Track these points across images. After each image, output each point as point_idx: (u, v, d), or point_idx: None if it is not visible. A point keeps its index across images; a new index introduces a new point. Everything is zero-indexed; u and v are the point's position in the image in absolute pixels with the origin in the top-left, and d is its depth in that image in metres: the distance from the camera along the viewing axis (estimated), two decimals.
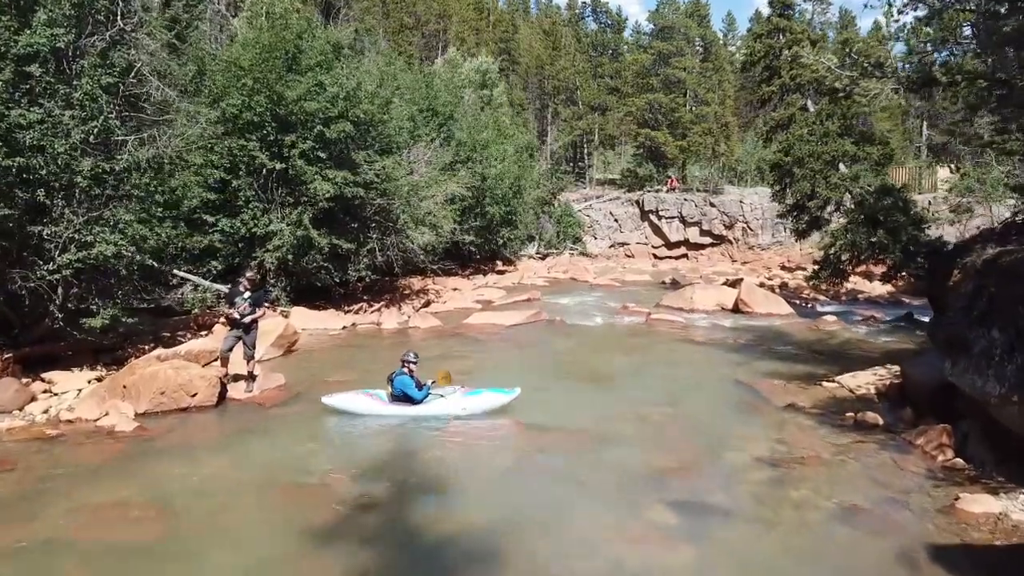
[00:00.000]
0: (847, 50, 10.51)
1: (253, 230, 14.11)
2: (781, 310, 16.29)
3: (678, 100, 38.70)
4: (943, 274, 11.00)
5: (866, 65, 9.22)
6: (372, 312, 15.53)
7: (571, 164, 45.85)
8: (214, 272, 14.39)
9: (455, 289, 20.22)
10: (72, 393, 8.92)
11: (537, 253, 33.26)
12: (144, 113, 8.99)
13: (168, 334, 11.71)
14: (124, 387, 8.49)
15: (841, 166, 16.41)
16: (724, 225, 37.09)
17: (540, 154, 40.18)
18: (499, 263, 27.72)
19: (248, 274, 9.15)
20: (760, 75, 18.98)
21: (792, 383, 10.01)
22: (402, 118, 17.50)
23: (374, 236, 15.68)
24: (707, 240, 37.46)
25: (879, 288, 23.09)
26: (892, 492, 6.30)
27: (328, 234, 14.53)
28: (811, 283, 17.40)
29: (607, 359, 11.63)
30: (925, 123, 39.42)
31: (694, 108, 39.28)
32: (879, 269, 18.12)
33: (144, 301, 10.70)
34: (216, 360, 9.57)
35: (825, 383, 9.90)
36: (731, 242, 37.26)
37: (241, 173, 14.08)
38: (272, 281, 14.58)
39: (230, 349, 9.07)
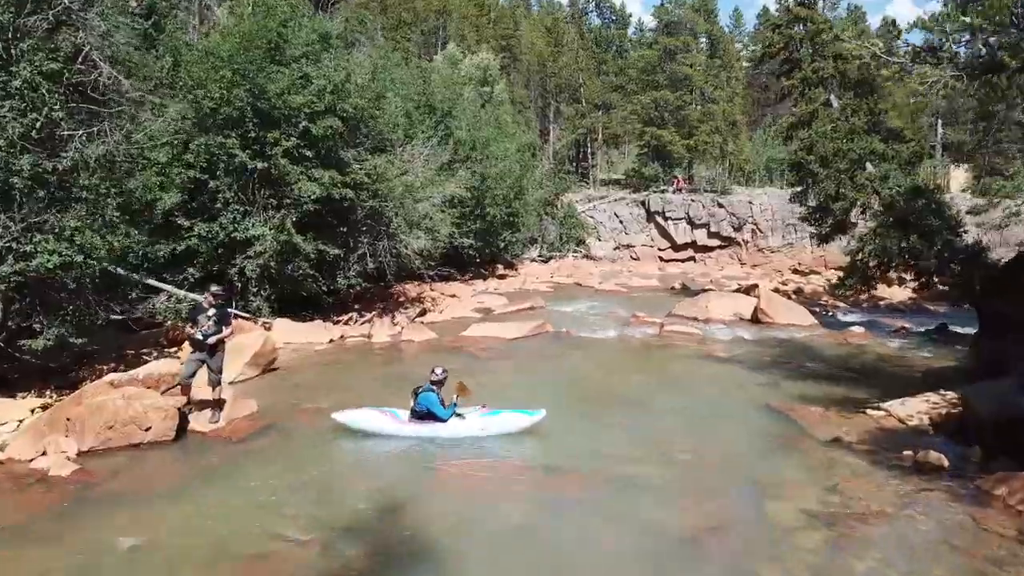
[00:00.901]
0: (893, 34, 9.35)
1: (233, 235, 12.96)
2: (803, 320, 15.14)
3: (685, 97, 37.52)
4: (997, 284, 9.86)
5: (919, 49, 8.08)
6: (363, 323, 14.38)
7: (574, 164, 44.70)
8: (191, 280, 13.25)
9: (453, 296, 19.07)
10: (11, 425, 7.79)
11: (539, 256, 32.11)
12: (95, 105, 7.83)
13: (132, 351, 10.56)
14: (68, 420, 7.34)
15: (868, 165, 15.25)
16: (733, 227, 35.92)
17: (542, 154, 39.03)
18: (500, 267, 26.57)
19: (212, 288, 7.99)
20: (779, 68, 17.81)
21: (832, 410, 8.86)
22: (396, 114, 16.35)
23: (365, 241, 14.54)
24: (715, 242, 36.29)
25: (899, 294, 21.96)
26: (981, 563, 5.15)
27: (314, 239, 13.40)
28: (837, 291, 16.20)
29: (621, 379, 10.47)
30: (940, 120, 38.20)
31: (701, 106, 38.08)
32: (901, 276, 17.00)
33: (103, 315, 9.55)
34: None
35: (870, 410, 8.74)
36: (740, 244, 36.09)
37: (219, 173, 12.91)
38: (254, 290, 13.45)
39: (192, 375, 7.92)
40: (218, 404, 8.08)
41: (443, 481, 6.65)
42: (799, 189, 16.83)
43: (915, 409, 8.46)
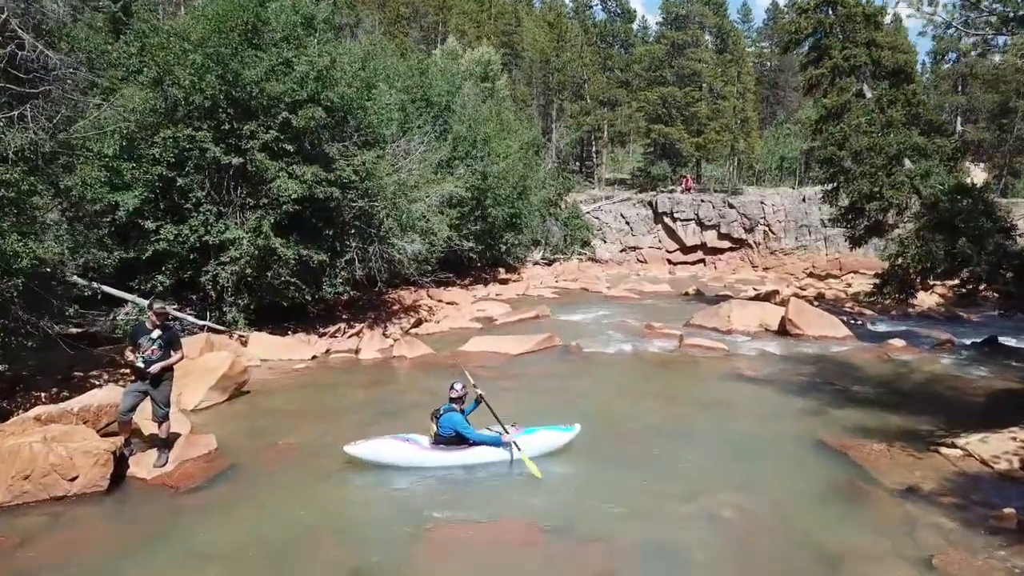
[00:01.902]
0: (969, 3, 8.09)
1: (205, 238, 11.62)
2: (836, 332, 13.75)
3: (693, 94, 36.12)
4: None
5: (1006, 17, 6.73)
6: (351, 336, 13.02)
7: (578, 163, 43.30)
8: (161, 288, 11.95)
9: (451, 304, 17.72)
10: None
11: (543, 259, 30.76)
12: (15, 85, 6.48)
13: (81, 373, 9.20)
14: None
15: (906, 161, 13.85)
16: (744, 228, 34.54)
17: (545, 152, 37.62)
18: (502, 271, 25.21)
19: (155, 305, 6.64)
20: (806, 56, 16.44)
21: (896, 447, 7.48)
22: (390, 107, 14.98)
23: (353, 245, 13.19)
24: (725, 244, 34.91)
25: (927, 300, 20.60)
26: None
27: (296, 243, 12.06)
28: (873, 300, 14.81)
29: (642, 406, 9.10)
30: (960, 118, 36.80)
31: (710, 103, 36.67)
32: (944, 283, 15.61)
33: (42, 331, 8.20)
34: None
35: (943, 448, 7.35)
36: (751, 246, 34.71)
37: (189, 169, 11.59)
38: (230, 300, 12.11)
39: (132, 409, 6.56)
40: (166, 443, 6.73)
41: (440, 545, 5.30)
42: (829, 187, 15.40)
43: (1001, 448, 7.07)
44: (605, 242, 35.54)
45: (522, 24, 49.09)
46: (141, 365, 6.40)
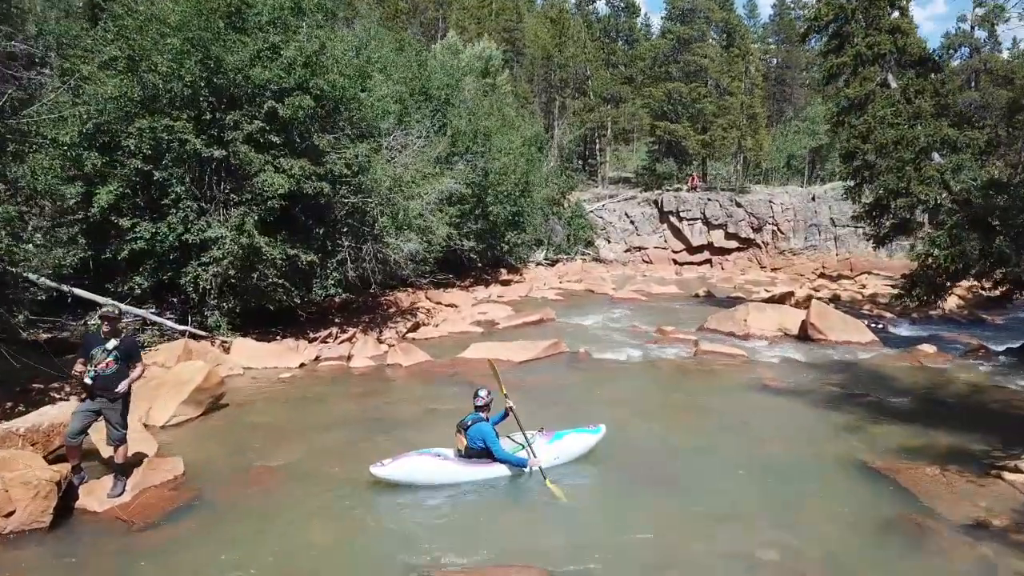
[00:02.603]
0: None
1: (184, 237, 10.78)
2: (861, 337, 12.89)
3: (699, 90, 35.24)
4: None
5: None
6: (343, 341, 12.18)
7: (581, 161, 42.42)
8: (140, 290, 11.15)
9: (451, 306, 16.88)
10: None
11: (545, 259, 29.88)
12: None
13: (41, 385, 8.35)
14: None
15: (935, 155, 12.97)
16: (752, 228, 33.66)
17: (548, 150, 36.74)
18: (503, 271, 24.35)
19: (104, 309, 5.81)
20: (827, 44, 15.55)
21: (950, 470, 6.62)
22: (386, 99, 14.13)
23: (346, 244, 12.35)
24: (733, 244, 34.03)
25: (947, 301, 19.74)
26: None
27: (284, 242, 11.24)
28: (900, 302, 13.94)
29: (662, 422, 8.24)
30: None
31: (717, 99, 35.76)
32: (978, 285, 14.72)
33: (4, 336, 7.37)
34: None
35: (1006, 473, 6.49)
36: (759, 246, 33.83)
37: (167, 162, 10.74)
38: (213, 303, 11.27)
39: (82, 432, 5.72)
40: (123, 469, 5.90)
41: None
42: (853, 184, 14.51)
43: None
44: (609, 242, 34.68)
45: (523, 20, 48.22)
46: (89, 381, 5.56)
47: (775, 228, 33.45)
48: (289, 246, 11.23)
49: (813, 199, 33.59)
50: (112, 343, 5.69)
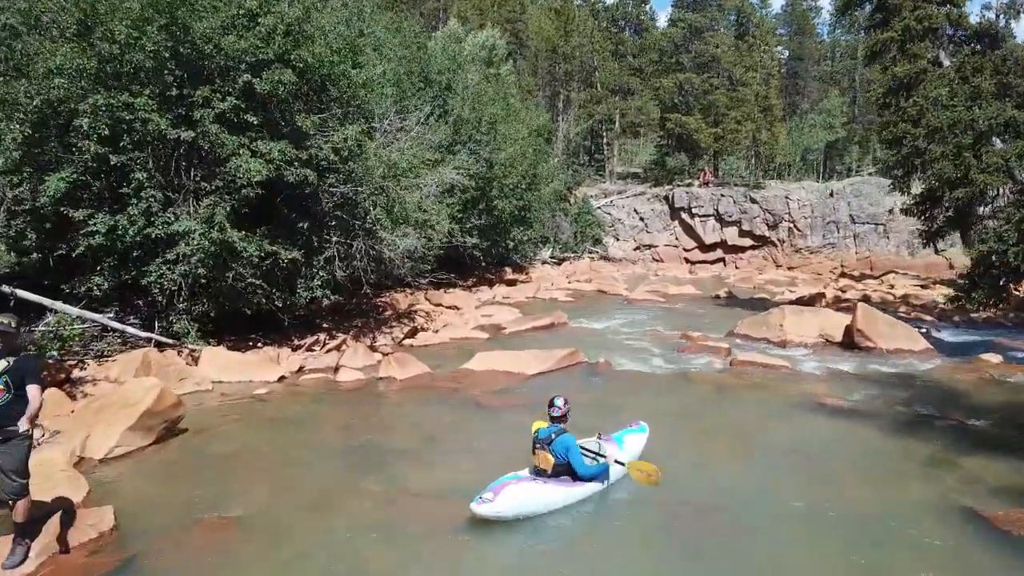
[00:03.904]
0: None
1: (147, 231, 9.38)
2: (913, 344, 11.47)
3: (712, 80, 33.76)
4: None
5: None
6: (331, 349, 10.78)
7: (587, 156, 40.94)
8: (98, 292, 9.75)
9: (452, 308, 15.49)
10: None
11: (551, 258, 28.47)
12: None
13: None
14: None
15: (996, 140, 11.53)
16: (767, 225, 32.23)
17: (553, 143, 35.30)
18: (508, 270, 22.95)
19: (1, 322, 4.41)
20: (870, 18, 14.10)
21: None
22: (381, 80, 12.70)
23: (334, 240, 10.96)
24: (747, 242, 32.60)
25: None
26: None
27: (263, 237, 9.85)
28: (958, 304, 12.50)
29: (706, 453, 6.82)
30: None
31: (730, 90, 34.27)
32: None
33: None
34: None
35: None
36: (775, 244, 32.40)
37: (127, 145, 9.33)
38: (182, 306, 9.87)
39: None
40: (24, 531, 4.50)
41: None
42: (900, 173, 13.06)
43: None
44: (617, 240, 33.28)
45: (527, 11, 46.77)
46: None
47: (791, 225, 32.03)
48: (268, 242, 9.84)
49: (831, 195, 32.16)
50: (2, 364, 4.29)
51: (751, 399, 8.80)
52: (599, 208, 32.99)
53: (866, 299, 19.69)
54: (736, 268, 31.53)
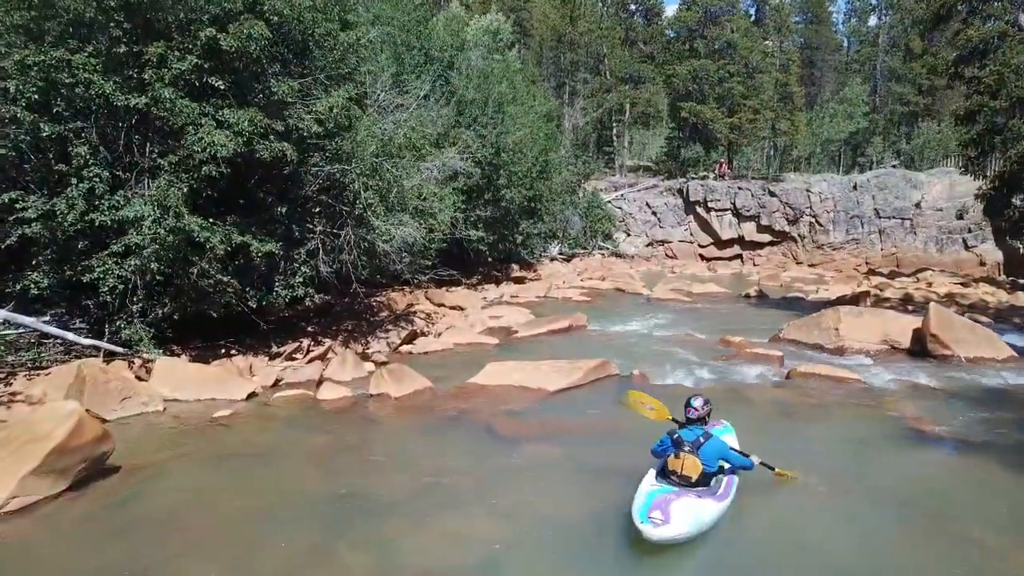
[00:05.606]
0: None
1: (90, 216, 7.77)
2: (996, 352, 9.84)
3: (729, 67, 32.03)
4: None
5: None
6: (314, 359, 9.16)
7: (596, 148, 39.22)
8: (36, 291, 8.16)
9: (456, 308, 13.88)
10: None
11: (560, 254, 26.83)
12: None
13: None
14: None
15: None
16: (787, 219, 30.54)
17: (560, 135, 33.57)
18: (515, 267, 21.33)
19: None
20: None
21: None
22: (374, 46, 11.07)
23: (319, 229, 9.34)
24: (766, 238, 30.92)
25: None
26: None
27: (233, 226, 8.25)
28: None
29: (788, 506, 5.17)
30: None
31: (746, 78, 32.53)
32: None
33: None
34: None
35: None
36: (795, 240, 30.72)
37: (64, 113, 7.72)
38: (137, 307, 8.27)
39: None
40: None
41: None
42: (974, 153, 11.41)
43: None
44: (629, 235, 31.64)
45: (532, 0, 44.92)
46: None
47: (813, 220, 30.34)
48: (238, 231, 8.23)
49: (855, 188, 30.47)
50: None
51: (825, 424, 7.17)
52: (609, 202, 31.33)
53: (908, 299, 18.06)
54: (755, 265, 29.85)
